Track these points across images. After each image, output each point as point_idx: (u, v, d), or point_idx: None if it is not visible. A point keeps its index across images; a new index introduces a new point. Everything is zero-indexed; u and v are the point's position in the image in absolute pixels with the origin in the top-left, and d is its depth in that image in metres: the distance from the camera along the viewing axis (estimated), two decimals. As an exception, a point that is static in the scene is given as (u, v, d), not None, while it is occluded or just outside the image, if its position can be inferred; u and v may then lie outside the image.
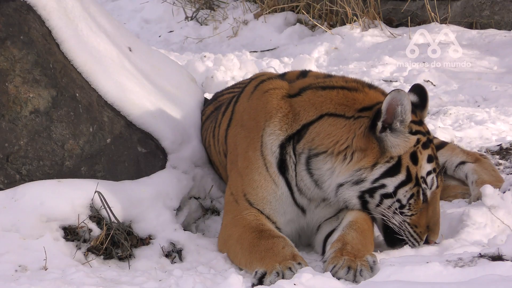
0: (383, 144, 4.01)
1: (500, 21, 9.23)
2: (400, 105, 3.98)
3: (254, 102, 4.31)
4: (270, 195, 4.17)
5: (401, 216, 4.05)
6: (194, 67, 7.72)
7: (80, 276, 3.84)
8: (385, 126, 4.01)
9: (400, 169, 4.02)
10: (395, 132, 4.02)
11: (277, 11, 9.90)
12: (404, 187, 4.04)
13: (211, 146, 4.82)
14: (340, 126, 4.07)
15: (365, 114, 4.07)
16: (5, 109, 4.27)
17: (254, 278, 3.79)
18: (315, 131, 4.10)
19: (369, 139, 4.02)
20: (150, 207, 4.37)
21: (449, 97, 7.25)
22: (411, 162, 4.04)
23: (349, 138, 4.04)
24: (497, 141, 5.94)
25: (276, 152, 4.16)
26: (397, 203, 4.04)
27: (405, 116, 4.01)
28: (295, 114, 4.17)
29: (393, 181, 4.02)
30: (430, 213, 4.10)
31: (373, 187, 4.03)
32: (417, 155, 4.05)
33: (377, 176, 4.01)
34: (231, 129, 4.44)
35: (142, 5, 10.83)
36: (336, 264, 3.82)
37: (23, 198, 4.14)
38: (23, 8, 4.40)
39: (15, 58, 4.30)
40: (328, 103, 4.13)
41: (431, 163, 4.09)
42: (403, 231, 4.07)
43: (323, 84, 4.23)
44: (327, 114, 4.12)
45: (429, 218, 4.09)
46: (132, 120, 4.64)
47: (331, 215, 4.22)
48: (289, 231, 4.23)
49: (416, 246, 4.09)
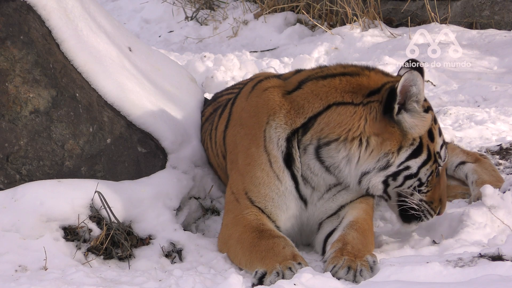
0: (401, 126, 4.02)
1: (500, 21, 9.23)
2: (414, 85, 3.98)
3: (253, 100, 4.29)
4: (272, 192, 4.16)
5: (419, 194, 4.09)
6: (194, 67, 7.72)
7: (80, 276, 3.84)
8: (400, 108, 4.02)
9: (422, 149, 4.05)
10: (410, 113, 4.02)
11: (277, 11, 9.90)
12: (426, 166, 4.07)
13: (208, 149, 4.82)
14: (350, 114, 4.05)
15: (373, 98, 4.06)
16: (5, 109, 4.27)
17: (254, 278, 3.79)
18: (323, 121, 4.08)
19: (385, 123, 4.02)
20: (150, 207, 4.37)
21: (449, 97, 7.25)
22: (429, 140, 4.07)
23: (361, 125, 4.03)
24: (497, 141, 5.94)
25: (282, 146, 4.14)
26: (418, 182, 4.09)
27: (420, 96, 4.02)
28: (298, 108, 4.14)
29: (417, 162, 4.05)
30: (442, 186, 4.15)
31: (398, 170, 4.05)
32: (433, 132, 4.09)
33: (403, 160, 4.03)
34: (230, 130, 4.43)
35: (142, 5, 10.83)
36: (336, 264, 3.82)
37: (23, 198, 4.14)
38: (23, 8, 4.40)
39: (15, 58, 4.30)
40: (333, 92, 4.11)
41: (441, 136, 4.15)
42: (419, 208, 4.11)
43: (322, 74, 4.20)
44: (334, 103, 4.08)
45: (440, 191, 4.15)
46: (132, 120, 4.64)
47: (332, 211, 4.21)
48: (290, 228, 4.23)
49: (428, 219, 4.15)
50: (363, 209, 4.21)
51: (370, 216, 4.24)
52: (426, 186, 4.10)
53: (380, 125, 4.02)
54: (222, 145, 4.54)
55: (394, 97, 3.98)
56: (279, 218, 4.18)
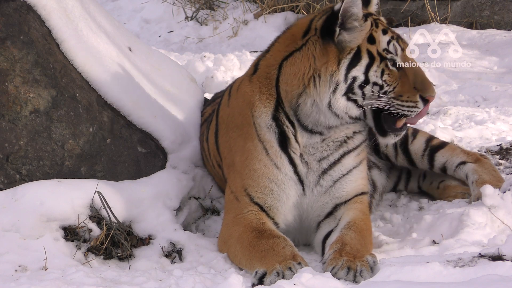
0: (341, 44, 4.09)
1: (500, 21, 9.24)
2: (354, 5, 4.07)
3: (233, 103, 4.41)
4: (272, 182, 4.18)
5: (385, 95, 4.09)
6: (194, 67, 7.72)
7: (80, 276, 3.84)
8: (340, 29, 4.10)
9: (361, 55, 4.10)
10: (350, 30, 4.10)
11: (277, 11, 9.90)
12: (372, 68, 4.10)
13: (204, 158, 4.85)
14: (299, 59, 4.17)
15: (309, 35, 4.18)
16: (5, 109, 4.27)
17: (254, 278, 3.79)
18: (283, 81, 4.20)
19: (326, 47, 4.10)
20: (150, 207, 4.37)
21: (449, 97, 7.25)
22: (370, 44, 4.12)
23: (311, 63, 4.13)
24: (497, 141, 5.93)
25: (272, 125, 4.21)
26: (376, 86, 4.10)
27: (360, 14, 4.09)
28: (265, 86, 4.25)
29: (360, 69, 4.09)
30: (410, 75, 4.13)
31: (349, 84, 4.08)
32: (373, 36, 4.14)
33: (345, 72, 4.08)
34: (221, 138, 4.49)
35: (142, 5, 10.83)
36: (335, 265, 3.82)
37: (23, 198, 4.14)
38: (23, 8, 4.40)
39: (15, 58, 4.30)
40: (278, 52, 4.26)
41: (387, 34, 4.17)
42: (393, 107, 4.10)
43: (267, 48, 4.39)
44: (283, 60, 4.22)
45: (412, 80, 4.13)
46: (132, 120, 4.64)
47: (330, 208, 4.23)
48: (292, 221, 4.24)
49: (415, 112, 4.11)
50: (359, 209, 4.22)
51: (367, 215, 4.25)
52: (388, 85, 4.10)
53: (324, 52, 4.11)
54: (216, 155, 4.57)
55: (335, 20, 4.07)
56: (279, 211, 4.19)
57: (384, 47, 4.13)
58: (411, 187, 5.29)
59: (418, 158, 5.12)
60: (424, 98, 4.10)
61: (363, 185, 4.32)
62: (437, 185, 5.12)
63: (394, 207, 5.06)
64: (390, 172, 5.24)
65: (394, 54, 4.14)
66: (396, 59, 4.14)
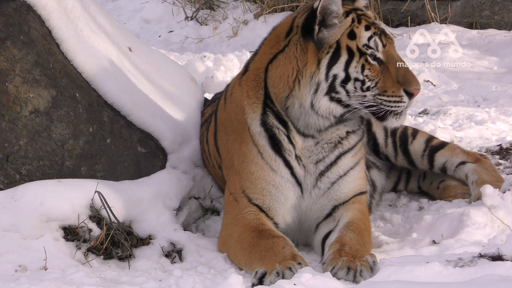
0: (320, 42, 4.08)
1: (500, 21, 9.23)
2: (333, 3, 4.05)
3: (228, 107, 4.42)
4: (269, 184, 4.18)
5: (370, 91, 4.06)
6: (194, 67, 7.72)
7: (80, 276, 3.84)
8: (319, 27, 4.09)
9: (341, 52, 4.07)
10: (330, 27, 4.08)
11: (277, 11, 9.90)
12: (352, 64, 4.07)
13: (204, 159, 4.86)
14: (282, 62, 4.17)
15: (291, 35, 4.18)
16: (5, 109, 4.27)
17: (254, 278, 3.79)
18: (271, 84, 4.20)
19: (307, 46, 4.10)
20: (150, 207, 4.37)
21: (449, 97, 7.25)
22: (350, 40, 4.09)
23: (294, 65, 4.12)
24: (497, 141, 5.94)
25: (261, 130, 4.21)
26: (358, 82, 4.07)
27: (339, 11, 4.07)
28: (252, 89, 4.26)
29: (340, 66, 4.07)
30: (392, 69, 4.09)
31: (330, 82, 4.06)
32: (354, 31, 4.11)
33: (325, 71, 4.06)
34: (220, 140, 4.51)
35: (142, 5, 10.83)
36: (335, 265, 3.82)
37: (23, 198, 4.14)
38: (23, 8, 4.40)
39: (15, 58, 4.30)
40: (264, 55, 4.27)
41: (369, 30, 4.13)
42: (380, 105, 4.07)
43: (255, 51, 4.41)
44: (268, 63, 4.23)
45: (394, 75, 4.09)
46: (132, 120, 4.64)
47: (328, 210, 4.22)
48: (291, 222, 4.24)
49: (401, 107, 4.08)
50: (358, 209, 4.22)
51: (366, 215, 4.25)
52: (370, 81, 4.07)
53: (305, 51, 4.10)
54: (217, 156, 4.58)
55: (314, 19, 4.06)
56: (278, 213, 4.19)
57: (364, 42, 4.09)
58: (411, 187, 5.29)
59: (418, 158, 5.12)
60: (408, 92, 4.07)
61: (361, 185, 4.32)
62: (437, 185, 5.12)
63: (394, 207, 5.06)
64: (390, 172, 5.24)
65: (374, 49, 4.10)
66: (376, 54, 4.10)
